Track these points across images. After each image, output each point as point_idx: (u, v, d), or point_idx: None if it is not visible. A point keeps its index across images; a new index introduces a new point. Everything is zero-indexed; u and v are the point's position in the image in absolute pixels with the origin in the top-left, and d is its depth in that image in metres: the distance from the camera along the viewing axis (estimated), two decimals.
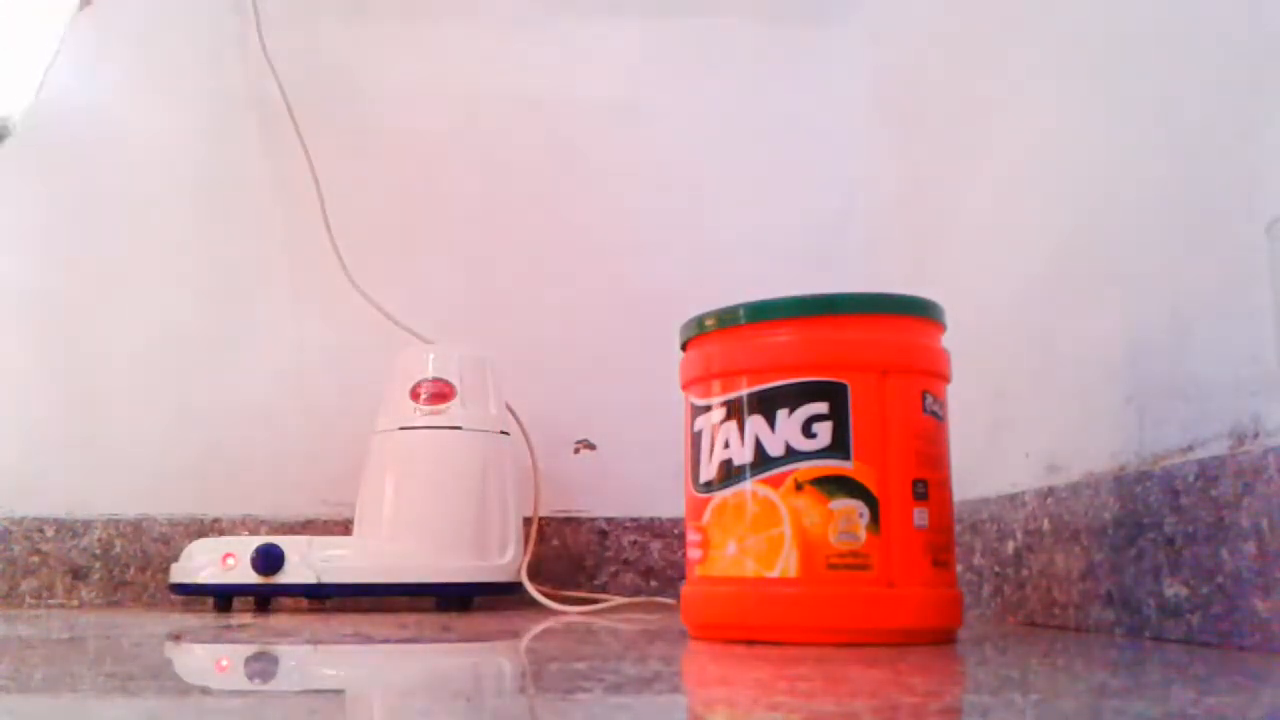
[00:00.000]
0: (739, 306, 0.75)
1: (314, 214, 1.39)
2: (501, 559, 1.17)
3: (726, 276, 1.39)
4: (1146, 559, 0.72)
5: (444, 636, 0.81)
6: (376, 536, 1.16)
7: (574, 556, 1.35)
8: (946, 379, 0.75)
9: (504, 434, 1.22)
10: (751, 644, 0.68)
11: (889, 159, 1.38)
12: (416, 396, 1.19)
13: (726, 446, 0.73)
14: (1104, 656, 0.61)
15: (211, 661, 0.63)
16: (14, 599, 1.30)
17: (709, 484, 0.74)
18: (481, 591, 1.17)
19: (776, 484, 0.70)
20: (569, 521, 1.36)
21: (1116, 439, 0.80)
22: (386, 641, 0.75)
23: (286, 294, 1.40)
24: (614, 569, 1.35)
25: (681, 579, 0.78)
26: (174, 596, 1.22)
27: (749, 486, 0.71)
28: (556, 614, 1.10)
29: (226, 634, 0.84)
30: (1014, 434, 0.98)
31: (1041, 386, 0.94)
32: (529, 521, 1.25)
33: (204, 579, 1.11)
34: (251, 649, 0.70)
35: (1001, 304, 1.02)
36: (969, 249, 1.13)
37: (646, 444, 1.33)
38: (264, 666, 0.59)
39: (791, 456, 0.70)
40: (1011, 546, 0.94)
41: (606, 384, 1.39)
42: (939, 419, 0.73)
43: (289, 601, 1.23)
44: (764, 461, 0.71)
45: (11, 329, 1.37)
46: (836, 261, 1.41)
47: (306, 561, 1.10)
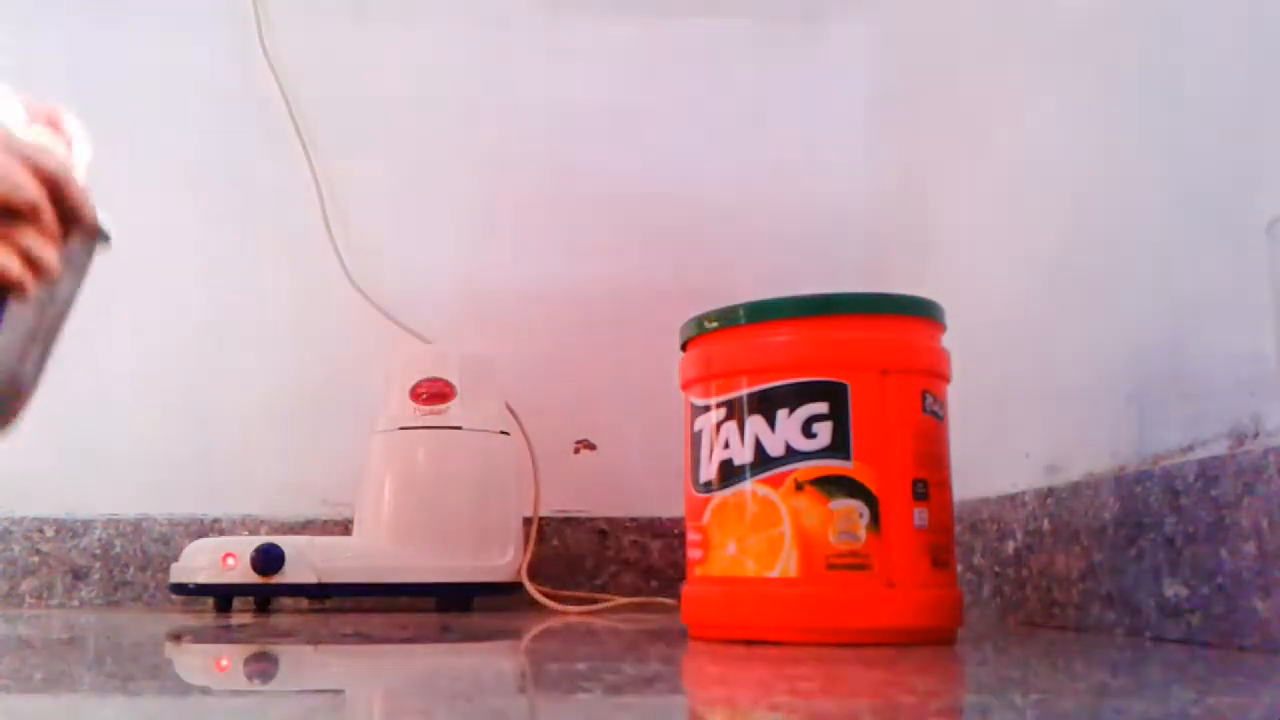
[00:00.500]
0: (739, 306, 0.75)
1: (314, 214, 1.39)
2: (501, 559, 1.17)
3: (726, 276, 1.39)
4: (1146, 559, 0.72)
5: (444, 636, 0.81)
6: (376, 536, 1.16)
7: (574, 556, 1.35)
8: (946, 379, 0.75)
9: (504, 434, 1.22)
10: (751, 644, 0.68)
11: (889, 159, 1.38)
12: (416, 396, 1.19)
13: (726, 446, 0.73)
14: (1104, 656, 0.61)
15: (211, 661, 0.63)
16: (14, 599, 1.30)
17: (709, 484, 0.74)
18: (481, 591, 1.17)
19: (776, 484, 0.70)
20: (569, 521, 1.36)
21: (1116, 439, 0.80)
22: (386, 641, 0.75)
23: (286, 294, 1.40)
24: (614, 569, 1.35)
25: (681, 579, 0.78)
26: (174, 596, 1.22)
27: (749, 486, 0.71)
28: (556, 614, 1.10)
29: (226, 634, 0.84)
30: (1014, 434, 0.98)
31: (1041, 386, 0.94)
32: (529, 521, 1.25)
33: (204, 579, 1.10)
34: (251, 649, 0.70)
35: (1001, 304, 1.02)
36: (969, 249, 1.13)
37: (646, 444, 1.33)
38: (264, 666, 0.59)
39: (791, 456, 0.70)
40: (1011, 546, 0.94)
41: (606, 384, 1.39)
42: (939, 419, 0.73)
43: (289, 601, 1.22)
44: (764, 461, 0.71)
45: None
46: (836, 261, 1.41)
47: (306, 561, 1.10)
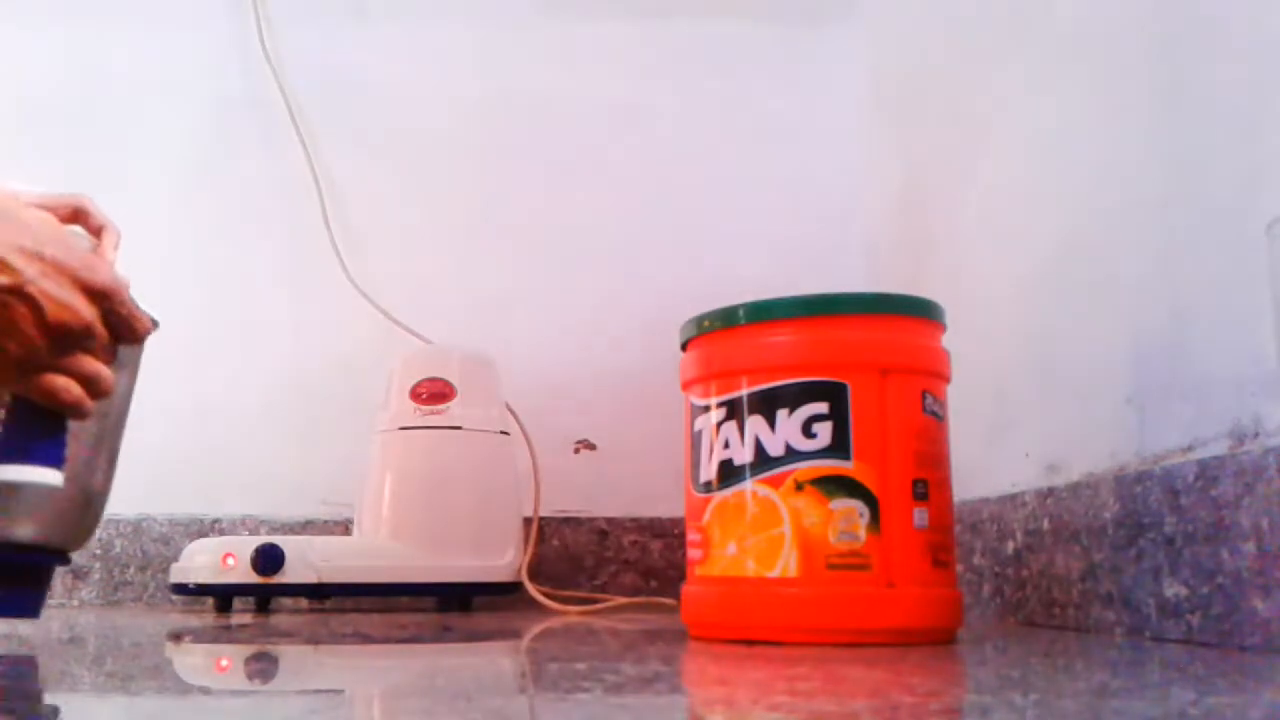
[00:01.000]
0: (739, 306, 0.75)
1: (314, 214, 1.39)
2: (501, 559, 1.17)
3: (727, 276, 1.39)
4: (1146, 559, 0.72)
5: (444, 636, 0.81)
6: (376, 536, 1.16)
7: (574, 556, 1.35)
8: (946, 379, 0.75)
9: (504, 434, 1.22)
10: (751, 644, 0.68)
11: (889, 159, 1.38)
12: (416, 396, 1.19)
13: (726, 446, 0.73)
14: (1104, 656, 0.61)
15: (211, 661, 0.63)
16: None
17: (709, 484, 0.74)
18: (481, 591, 1.17)
19: (776, 484, 0.70)
20: (569, 521, 1.36)
21: (1116, 439, 0.80)
22: (386, 641, 0.75)
23: (286, 294, 1.40)
24: (614, 569, 1.35)
25: (681, 579, 0.78)
26: (174, 596, 1.22)
27: (749, 486, 0.71)
28: (556, 614, 1.10)
29: (226, 634, 0.84)
30: (1014, 434, 0.98)
31: (1041, 386, 0.94)
32: (529, 521, 1.25)
33: (204, 579, 1.10)
34: (251, 649, 0.70)
35: (1001, 304, 1.02)
36: (969, 249, 1.13)
37: (646, 444, 1.33)
38: (264, 666, 0.59)
39: (791, 456, 0.70)
40: (1011, 546, 0.94)
41: (606, 384, 1.39)
42: (939, 419, 0.73)
43: (289, 601, 1.22)
44: (764, 461, 0.71)
45: None
46: (836, 261, 1.41)
47: (306, 561, 1.10)
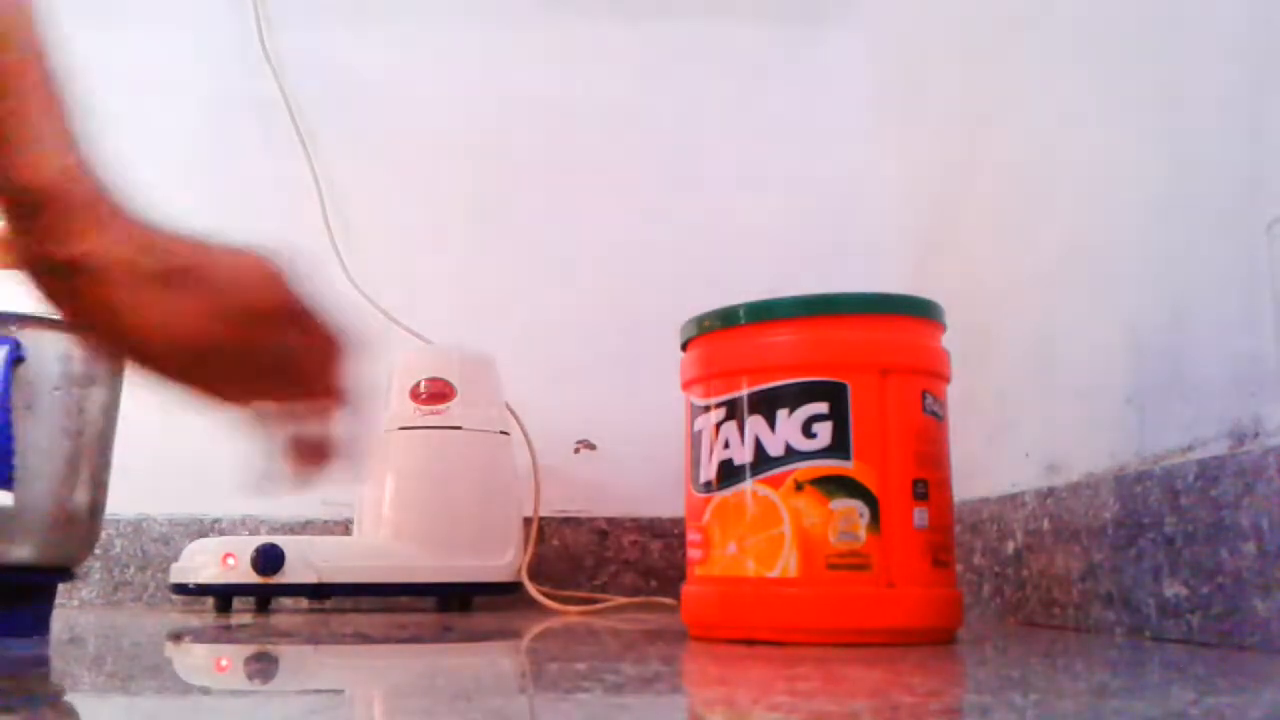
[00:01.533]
0: (739, 306, 0.75)
1: (314, 214, 1.39)
2: (501, 559, 1.17)
3: (727, 276, 1.39)
4: (1146, 559, 0.72)
5: (444, 636, 0.81)
6: (376, 536, 1.16)
7: (574, 556, 1.35)
8: (946, 379, 0.75)
9: (504, 434, 1.22)
10: (751, 644, 0.68)
11: (889, 159, 1.38)
12: (416, 396, 1.19)
13: (726, 446, 0.73)
14: (1104, 656, 0.61)
15: (211, 661, 0.63)
16: None
17: (709, 484, 0.74)
18: (481, 591, 1.17)
19: (776, 484, 0.70)
20: (569, 521, 1.36)
21: (1116, 439, 0.80)
22: (386, 641, 0.75)
23: None
24: (614, 569, 1.35)
25: (681, 579, 0.78)
26: (174, 596, 1.22)
27: (749, 486, 0.71)
28: (556, 614, 1.10)
29: (226, 634, 0.84)
30: (1014, 434, 0.98)
31: (1041, 386, 0.94)
32: (529, 521, 1.25)
33: (204, 579, 1.10)
34: (251, 649, 0.70)
35: (1001, 304, 1.02)
36: (969, 249, 1.13)
37: (646, 444, 1.33)
38: (264, 666, 0.59)
39: (791, 456, 0.70)
40: (1011, 546, 0.94)
41: (606, 384, 1.39)
42: (939, 419, 0.73)
43: (289, 601, 1.22)
44: (764, 461, 0.71)
45: None
46: (836, 261, 1.41)
47: (306, 561, 1.10)
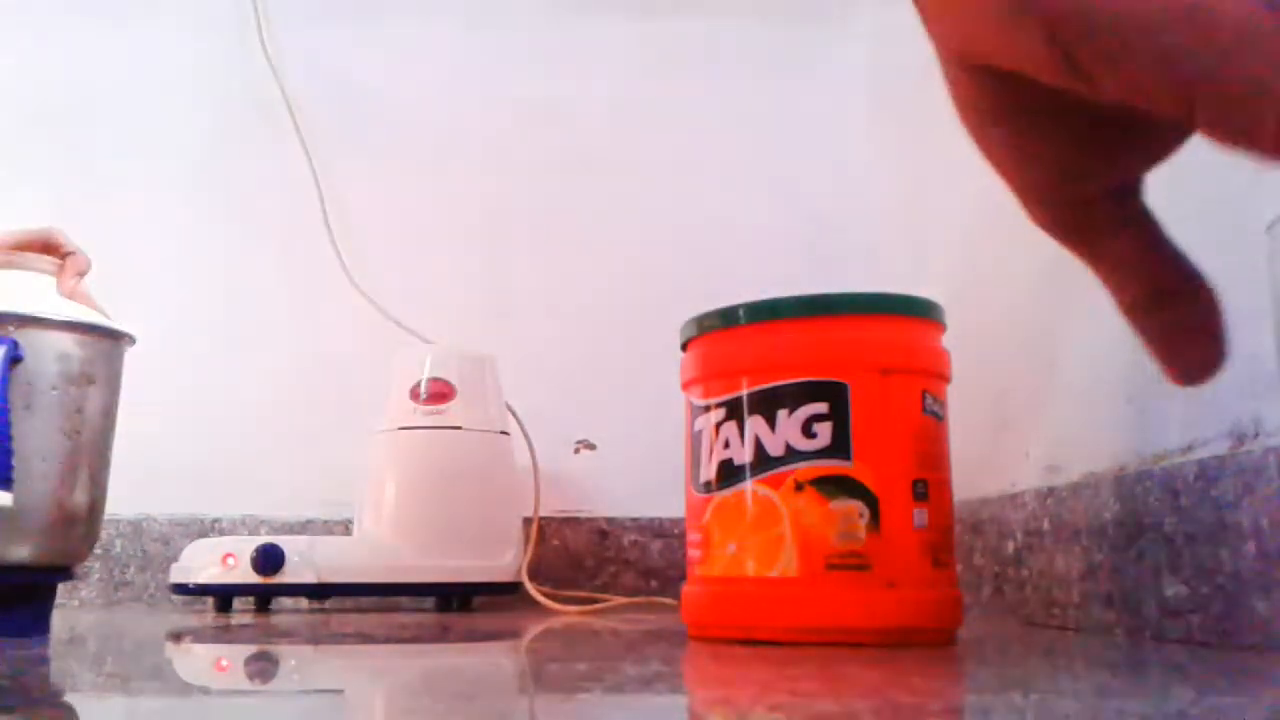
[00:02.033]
0: (739, 306, 0.75)
1: (314, 214, 1.39)
2: (501, 559, 1.17)
3: (727, 276, 1.39)
4: (1146, 559, 0.72)
5: (444, 636, 0.81)
6: (376, 536, 1.16)
7: (574, 556, 1.35)
8: (946, 379, 0.75)
9: (504, 434, 1.22)
10: (751, 644, 0.68)
11: (889, 159, 1.38)
12: (416, 396, 1.19)
13: (726, 446, 0.73)
14: (1104, 656, 0.61)
15: (211, 661, 0.63)
16: None
17: (709, 484, 0.74)
18: (481, 591, 1.17)
19: (776, 484, 0.70)
20: (569, 521, 1.36)
21: (1116, 439, 0.80)
22: (386, 641, 0.75)
23: (286, 294, 1.40)
24: (614, 569, 1.35)
25: (682, 579, 0.78)
26: (174, 596, 1.22)
27: (749, 486, 0.71)
28: (556, 614, 1.10)
29: (226, 634, 0.84)
30: (1014, 434, 0.98)
31: (1042, 386, 0.94)
32: (529, 521, 1.25)
33: (204, 579, 1.10)
34: (251, 649, 0.70)
35: (1001, 304, 1.02)
36: (969, 249, 1.13)
37: (646, 444, 1.33)
38: (264, 666, 0.59)
39: (791, 456, 0.70)
40: (1011, 546, 0.94)
41: (606, 384, 1.39)
42: (939, 419, 0.73)
43: (289, 601, 1.23)
44: (764, 461, 0.71)
45: None
46: (836, 261, 1.41)
47: (306, 561, 1.10)
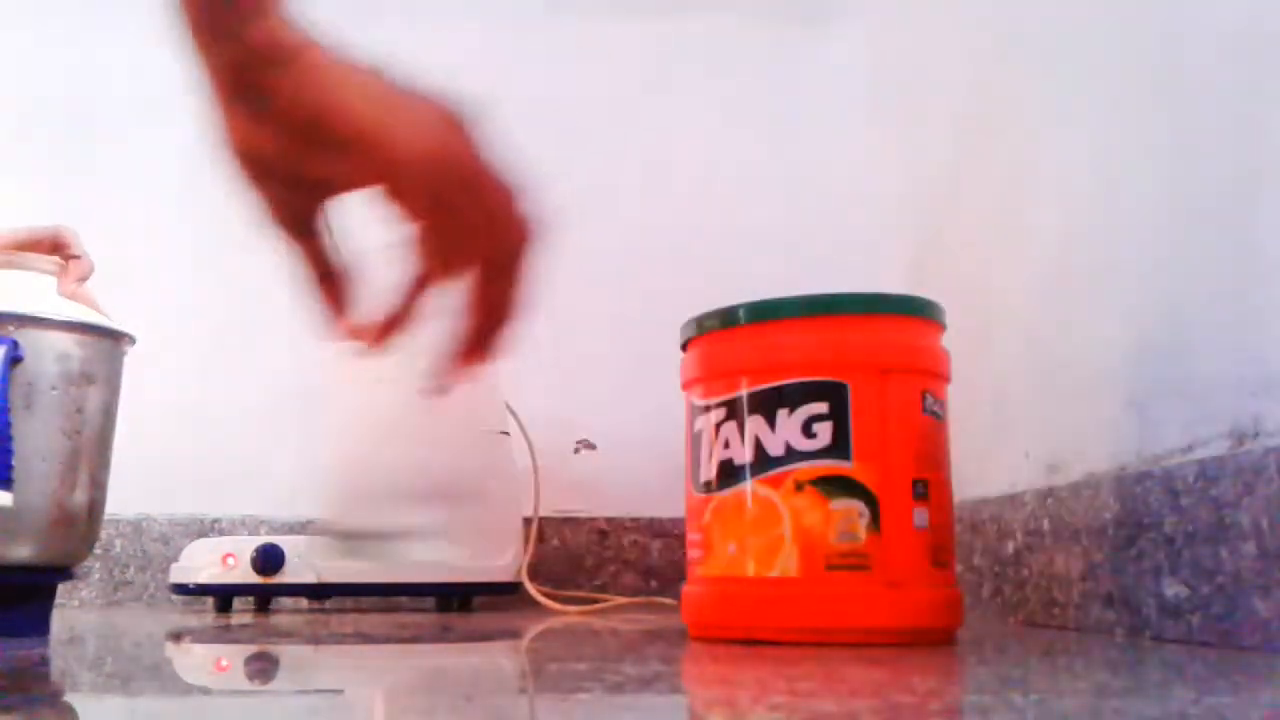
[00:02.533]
0: (739, 306, 0.75)
1: None
2: (501, 559, 1.17)
3: (727, 276, 1.39)
4: (1146, 559, 0.72)
5: (444, 636, 0.81)
6: None
7: (574, 556, 1.35)
8: (946, 379, 0.75)
9: (504, 434, 1.22)
10: (751, 644, 0.68)
11: (889, 159, 1.38)
12: None
13: (726, 446, 0.73)
14: (1104, 656, 0.61)
15: (211, 661, 0.63)
16: None
17: (709, 484, 0.74)
18: (481, 591, 1.16)
19: (776, 484, 0.70)
20: (569, 521, 1.36)
21: (1116, 439, 0.80)
22: (386, 641, 0.75)
23: (286, 294, 1.40)
24: (614, 569, 1.35)
25: (681, 579, 0.78)
26: (174, 596, 1.22)
27: (749, 487, 0.71)
28: (556, 614, 1.10)
29: (226, 634, 0.84)
30: (1014, 434, 0.98)
31: (1042, 386, 0.94)
32: (529, 521, 1.25)
33: (204, 579, 1.10)
34: (251, 649, 0.70)
35: (1001, 304, 1.02)
36: (969, 249, 1.13)
37: (646, 444, 1.33)
38: (264, 666, 0.59)
39: (791, 456, 0.70)
40: (1011, 546, 0.94)
41: (606, 384, 1.39)
42: (939, 419, 0.73)
43: (289, 601, 1.22)
44: (764, 461, 0.71)
45: None
46: (836, 261, 1.41)
47: (306, 561, 1.10)
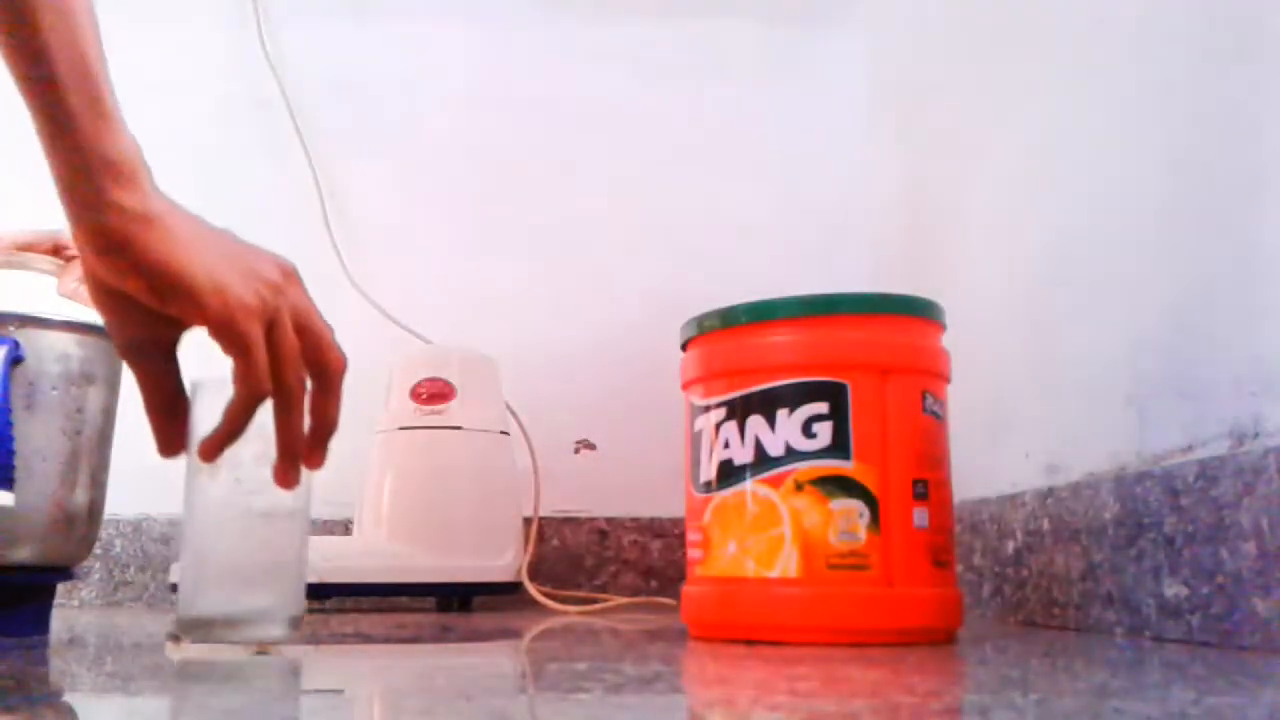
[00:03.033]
0: (739, 307, 0.75)
1: (314, 214, 1.39)
2: (501, 559, 1.17)
3: (727, 277, 1.39)
4: (1146, 559, 0.72)
5: (444, 636, 0.81)
6: (376, 536, 1.16)
7: (574, 556, 1.35)
8: (946, 379, 0.75)
9: (504, 434, 1.22)
10: (751, 644, 0.68)
11: (889, 159, 1.38)
12: (416, 396, 1.19)
13: (726, 446, 0.73)
14: (1104, 656, 0.61)
15: (211, 661, 0.63)
16: None
17: (709, 484, 0.74)
18: (481, 591, 1.16)
19: (776, 484, 0.70)
20: (569, 521, 1.36)
21: (1116, 439, 0.80)
22: (386, 641, 0.75)
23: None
24: (614, 569, 1.35)
25: (681, 579, 0.78)
26: (174, 596, 1.22)
27: (749, 486, 0.71)
28: (556, 614, 1.10)
29: None
30: (1014, 434, 0.98)
31: (1041, 386, 0.94)
32: (529, 521, 1.25)
33: None
34: (251, 649, 0.70)
35: (1001, 304, 1.02)
36: (969, 249, 1.13)
37: (646, 444, 1.33)
38: (264, 666, 0.59)
39: (791, 456, 0.70)
40: (1011, 546, 0.94)
41: (606, 384, 1.39)
42: (939, 419, 0.73)
43: None
44: (764, 461, 0.71)
45: None
46: (836, 261, 1.41)
47: None
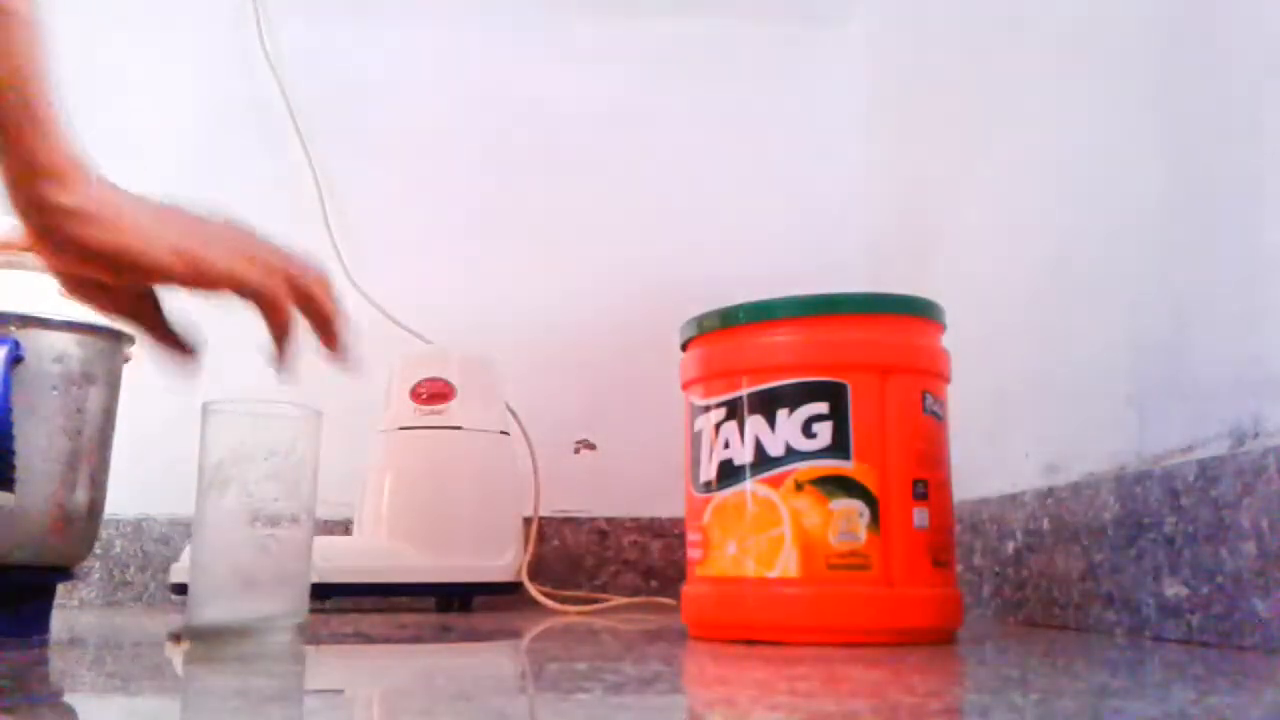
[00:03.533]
0: (739, 306, 0.75)
1: (314, 214, 1.39)
2: (501, 559, 1.17)
3: (727, 276, 1.39)
4: (1146, 559, 0.72)
5: (444, 636, 0.81)
6: (376, 536, 1.16)
7: (574, 556, 1.35)
8: (946, 379, 0.76)
9: (504, 434, 1.22)
10: (751, 644, 0.68)
11: (889, 159, 1.38)
12: (416, 396, 1.19)
13: (726, 446, 0.73)
14: (1104, 656, 0.61)
15: (212, 661, 0.63)
16: None
17: (709, 484, 0.74)
18: (481, 591, 1.17)
19: (776, 484, 0.70)
20: (569, 521, 1.36)
21: (1116, 439, 0.80)
22: (386, 641, 0.75)
23: None
24: (614, 569, 1.35)
25: (681, 579, 0.78)
26: (174, 596, 1.22)
27: (749, 486, 0.71)
28: (556, 614, 1.10)
29: None
30: (1014, 434, 0.98)
31: (1041, 386, 0.94)
32: (529, 521, 1.25)
33: None
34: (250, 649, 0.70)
35: (1001, 304, 1.02)
36: (969, 249, 1.13)
37: (646, 444, 1.33)
38: (264, 666, 0.59)
39: (791, 456, 0.70)
40: (1011, 546, 0.94)
41: (606, 384, 1.39)
42: (939, 419, 0.73)
43: None
44: (764, 461, 0.71)
45: None
46: (836, 261, 1.41)
47: None
